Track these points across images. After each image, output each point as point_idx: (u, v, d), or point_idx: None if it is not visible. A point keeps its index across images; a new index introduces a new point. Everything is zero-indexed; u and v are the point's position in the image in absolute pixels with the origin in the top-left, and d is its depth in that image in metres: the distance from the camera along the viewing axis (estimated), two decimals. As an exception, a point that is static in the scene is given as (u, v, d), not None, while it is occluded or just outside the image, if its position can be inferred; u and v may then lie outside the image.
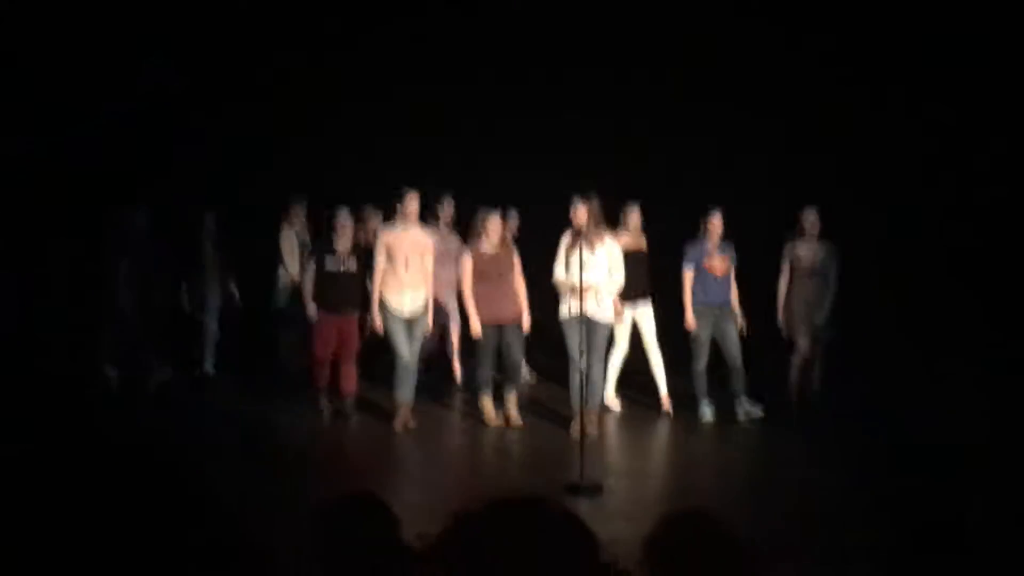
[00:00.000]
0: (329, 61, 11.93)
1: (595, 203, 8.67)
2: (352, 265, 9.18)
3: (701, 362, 9.20)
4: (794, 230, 9.40)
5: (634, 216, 9.47)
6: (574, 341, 8.53)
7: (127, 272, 9.96)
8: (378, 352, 9.56)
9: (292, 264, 10.52)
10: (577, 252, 8.21)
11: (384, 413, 9.25)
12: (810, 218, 9.32)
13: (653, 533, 2.56)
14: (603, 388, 9.08)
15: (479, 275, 8.83)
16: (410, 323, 8.91)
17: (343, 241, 9.14)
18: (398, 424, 8.89)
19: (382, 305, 8.87)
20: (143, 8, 11.12)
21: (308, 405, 9.35)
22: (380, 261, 8.84)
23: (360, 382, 9.38)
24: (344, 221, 9.12)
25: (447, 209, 10.06)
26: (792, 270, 9.36)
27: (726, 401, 9.24)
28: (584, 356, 8.29)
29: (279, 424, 9.31)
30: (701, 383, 9.23)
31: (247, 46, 11.67)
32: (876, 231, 10.75)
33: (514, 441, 8.83)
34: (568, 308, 8.63)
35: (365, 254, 9.26)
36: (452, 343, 10.13)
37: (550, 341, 9.39)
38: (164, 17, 11.20)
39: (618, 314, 8.98)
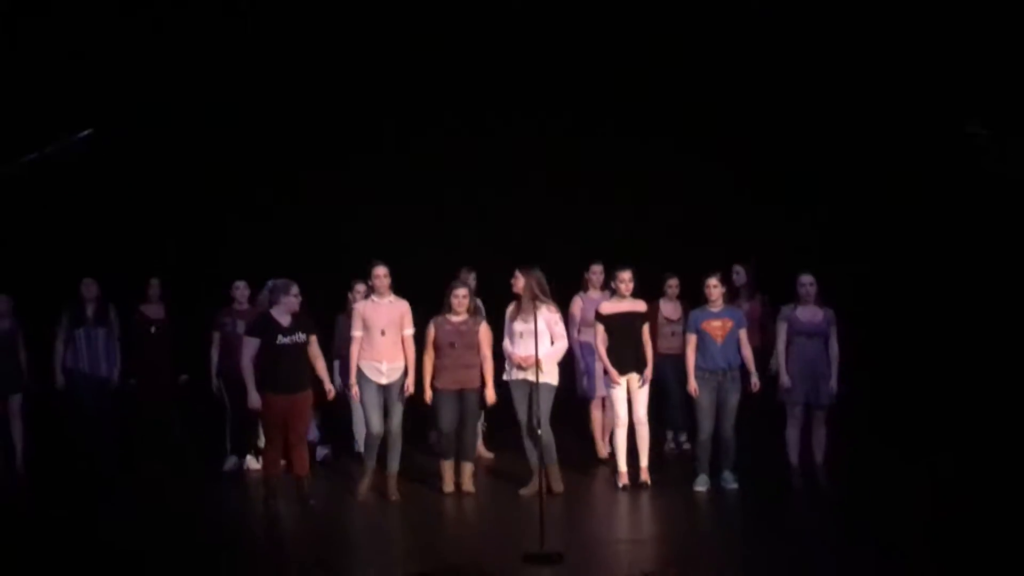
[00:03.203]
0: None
1: (535, 274, 8.96)
2: (301, 337, 8.80)
3: (704, 430, 9.07)
4: (792, 295, 9.43)
5: (625, 279, 9.15)
6: (522, 405, 8.92)
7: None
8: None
9: None
10: (520, 322, 8.90)
11: (344, 483, 9.35)
12: (806, 283, 9.34)
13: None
14: (554, 446, 9.06)
15: (441, 344, 9.04)
16: (387, 390, 9.01)
17: (287, 315, 8.77)
18: (360, 491, 9.05)
19: (359, 374, 8.98)
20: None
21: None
22: (356, 333, 8.99)
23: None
24: (295, 293, 8.82)
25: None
26: (790, 333, 9.31)
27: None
28: (535, 418, 8.65)
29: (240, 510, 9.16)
30: (702, 453, 9.10)
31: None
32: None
33: (476, 509, 8.80)
34: (513, 371, 8.99)
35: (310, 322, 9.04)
36: None
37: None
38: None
39: (615, 382, 9.10)
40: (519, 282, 8.98)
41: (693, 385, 9.08)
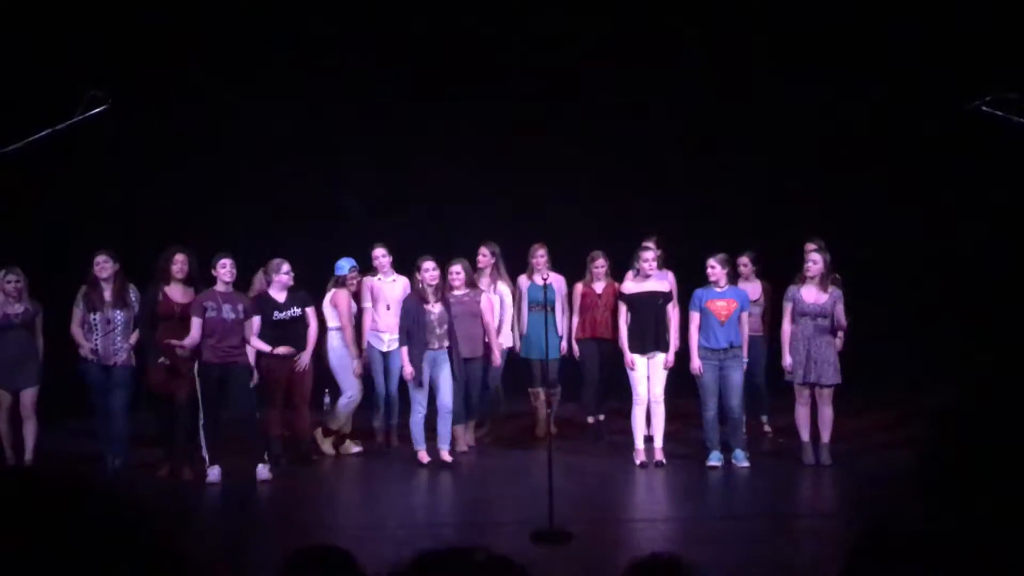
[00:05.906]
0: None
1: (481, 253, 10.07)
2: (296, 311, 9.42)
3: (710, 409, 9.08)
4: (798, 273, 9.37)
5: (648, 258, 9.21)
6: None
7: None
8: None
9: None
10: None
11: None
12: (810, 261, 9.25)
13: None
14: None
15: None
16: (387, 357, 9.82)
17: (282, 292, 9.41)
18: (388, 443, 9.88)
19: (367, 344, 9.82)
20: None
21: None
22: (367, 305, 9.81)
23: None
24: (286, 271, 9.35)
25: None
26: (794, 313, 9.22)
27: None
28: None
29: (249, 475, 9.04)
30: (711, 432, 9.09)
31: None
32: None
33: (485, 484, 9.00)
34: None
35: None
36: None
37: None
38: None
39: (629, 367, 9.20)
40: (480, 259, 10.05)
41: (696, 363, 9.06)
